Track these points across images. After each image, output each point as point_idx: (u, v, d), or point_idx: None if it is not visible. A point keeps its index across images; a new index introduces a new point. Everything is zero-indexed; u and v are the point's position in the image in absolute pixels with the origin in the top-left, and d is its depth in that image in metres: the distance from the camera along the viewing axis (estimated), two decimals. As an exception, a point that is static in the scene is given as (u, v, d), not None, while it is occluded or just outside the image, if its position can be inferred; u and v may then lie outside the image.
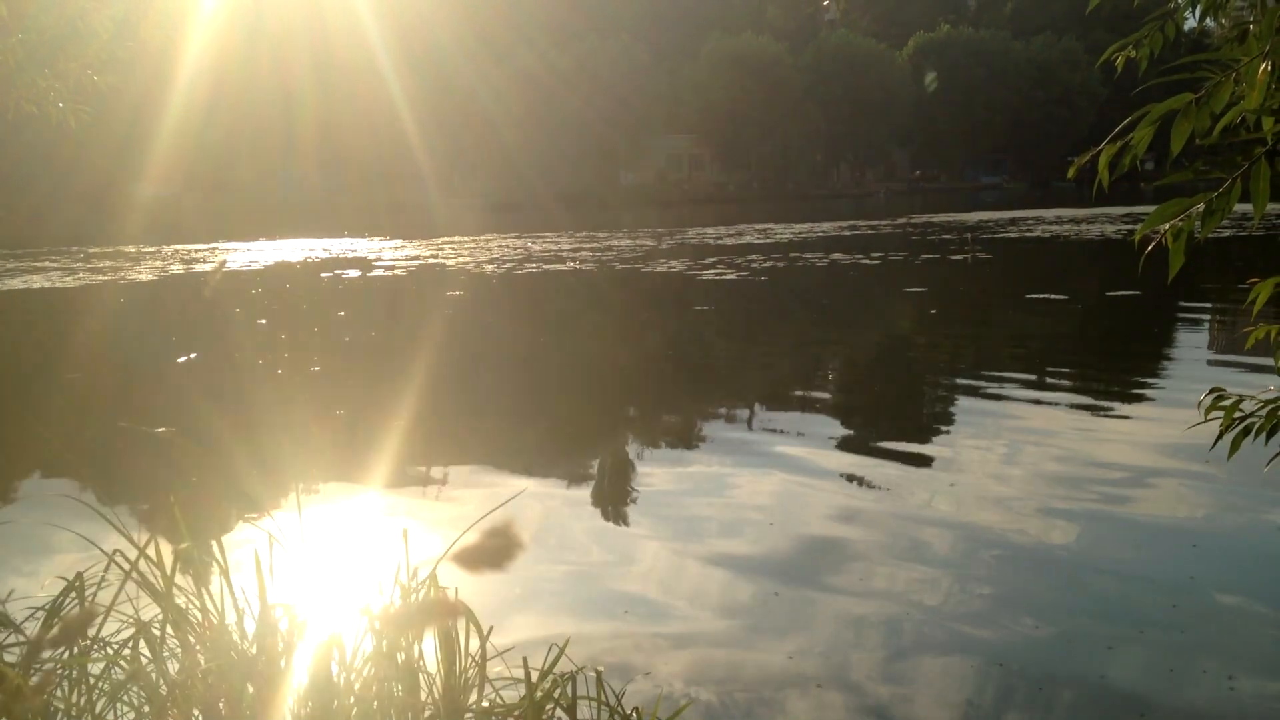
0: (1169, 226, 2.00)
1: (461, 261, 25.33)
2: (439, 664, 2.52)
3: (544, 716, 2.55)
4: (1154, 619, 4.07)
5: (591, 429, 8.45)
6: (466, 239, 34.82)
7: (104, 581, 2.63)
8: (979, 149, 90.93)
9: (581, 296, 17.88)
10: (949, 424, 7.91)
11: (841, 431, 7.73)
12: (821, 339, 13.05)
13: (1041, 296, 15.34)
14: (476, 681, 2.63)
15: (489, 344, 13.00)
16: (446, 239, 35.18)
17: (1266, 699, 3.45)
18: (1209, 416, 2.71)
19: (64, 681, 2.43)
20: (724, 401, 9.33)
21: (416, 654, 2.56)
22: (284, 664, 2.39)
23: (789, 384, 10.02)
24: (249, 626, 2.57)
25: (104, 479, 6.80)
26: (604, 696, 2.62)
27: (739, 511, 5.68)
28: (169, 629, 2.52)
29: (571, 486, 6.47)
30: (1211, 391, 2.72)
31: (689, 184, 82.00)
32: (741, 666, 3.81)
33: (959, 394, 9.11)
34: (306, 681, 2.40)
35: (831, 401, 9.24)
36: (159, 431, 7.77)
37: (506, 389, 10.17)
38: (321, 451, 7.46)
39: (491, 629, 2.69)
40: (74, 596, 2.63)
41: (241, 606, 2.60)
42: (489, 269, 22.95)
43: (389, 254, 29.08)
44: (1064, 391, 8.65)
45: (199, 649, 2.48)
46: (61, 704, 2.41)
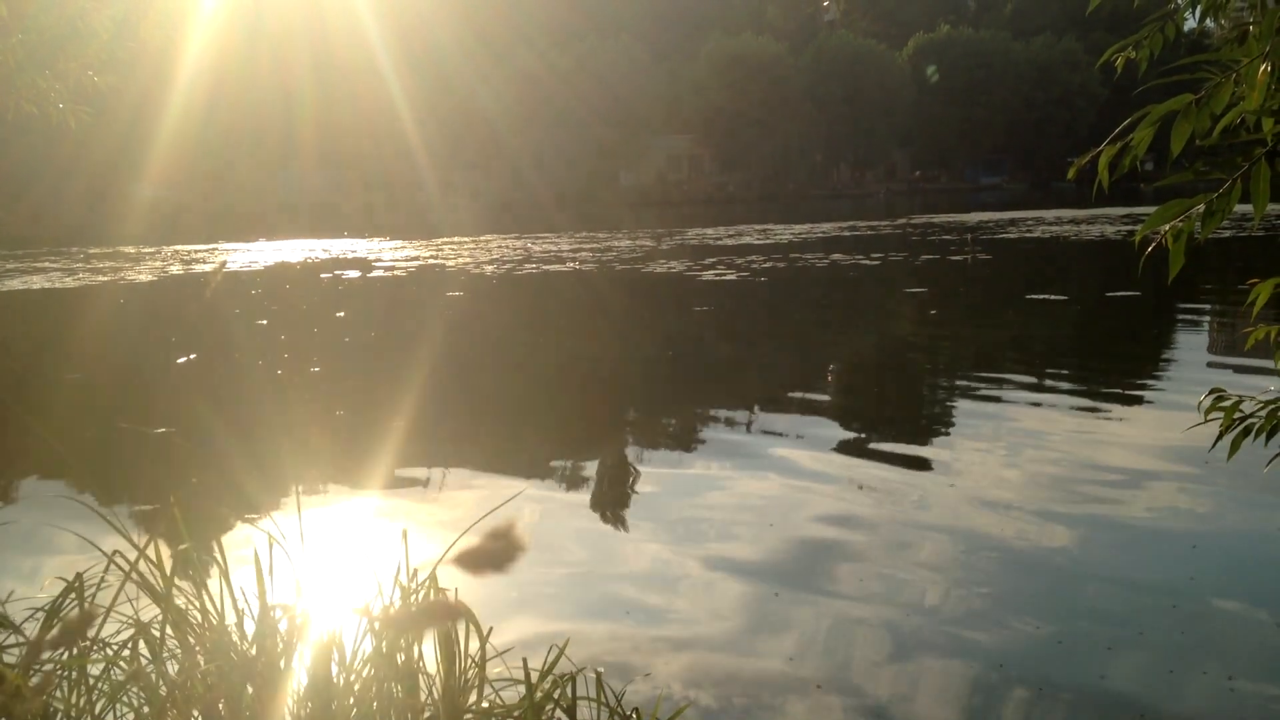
0: (1169, 227, 2.00)
1: (461, 262, 25.33)
2: (439, 665, 2.52)
3: (544, 717, 2.55)
4: (1154, 620, 4.06)
5: (591, 430, 8.44)
6: (466, 239, 34.82)
7: (103, 582, 2.63)
8: (979, 149, 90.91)
9: (581, 297, 17.87)
10: (948, 425, 7.91)
11: (841, 433, 7.73)
12: (821, 340, 13.05)
13: (1041, 297, 15.34)
14: (476, 682, 2.63)
15: (489, 345, 13.00)
16: (446, 240, 35.19)
17: (1266, 700, 3.45)
18: (1209, 417, 2.71)
19: (64, 682, 2.43)
20: (723, 403, 9.33)
21: (416, 655, 2.55)
22: (283, 665, 2.39)
23: (788, 385, 10.02)
24: (249, 627, 2.57)
25: (104, 479, 6.80)
26: (604, 697, 2.62)
27: (739, 513, 5.68)
28: (168, 630, 2.51)
29: (571, 488, 6.47)
30: (1211, 392, 2.72)
31: (689, 184, 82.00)
32: (741, 668, 3.81)
33: (958, 395, 9.11)
34: (306, 682, 2.40)
35: (831, 403, 9.24)
36: (159, 432, 7.77)
37: (506, 390, 10.16)
38: (321, 452, 7.46)
39: (491, 630, 2.69)
40: (73, 597, 2.63)
41: (241, 607, 2.60)
42: (489, 270, 22.95)
43: (389, 254, 29.07)
44: (1063, 393, 8.65)
45: (198, 650, 2.48)
46: (61, 705, 2.41)
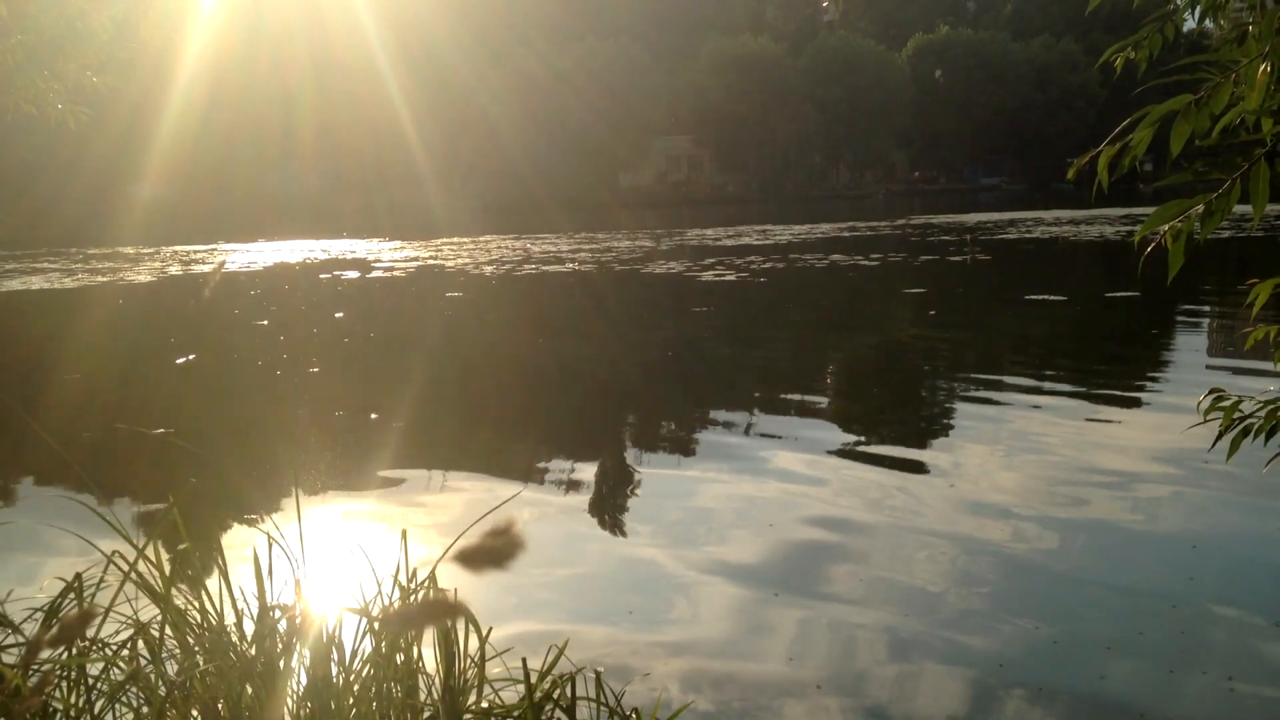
0: (1168, 228, 2.00)
1: (460, 263, 25.33)
2: (438, 665, 2.52)
3: (543, 717, 2.54)
4: (1153, 621, 4.06)
5: (590, 431, 8.44)
6: (465, 240, 34.82)
7: (103, 582, 2.63)
8: (978, 150, 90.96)
9: (580, 298, 17.88)
10: (948, 427, 7.91)
11: (840, 435, 7.73)
12: (820, 341, 13.05)
13: (1040, 298, 15.34)
14: (475, 682, 2.62)
15: (487, 345, 13.00)
16: (445, 240, 35.19)
17: (1266, 701, 3.45)
18: (1208, 418, 2.71)
19: (63, 682, 2.43)
20: (722, 404, 9.33)
21: (415, 655, 2.55)
22: (283, 665, 2.39)
23: (787, 386, 10.02)
24: (248, 627, 2.57)
25: (103, 480, 6.79)
26: (603, 697, 2.61)
27: (738, 514, 5.68)
28: (168, 630, 2.51)
29: (570, 489, 6.47)
30: (1211, 392, 2.72)
31: (688, 185, 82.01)
32: (741, 669, 3.81)
33: (958, 396, 9.11)
34: (305, 682, 2.40)
35: (830, 404, 9.24)
36: (158, 433, 7.76)
37: (505, 391, 10.16)
38: (320, 453, 7.46)
39: (490, 630, 2.69)
40: (73, 597, 2.63)
41: (240, 607, 2.60)
42: (488, 270, 22.95)
43: (388, 255, 29.07)
44: (1062, 394, 8.65)
45: (198, 650, 2.48)
46: (60, 704, 2.41)
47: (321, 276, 22.98)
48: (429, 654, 2.68)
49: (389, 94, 61.04)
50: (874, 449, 7.14)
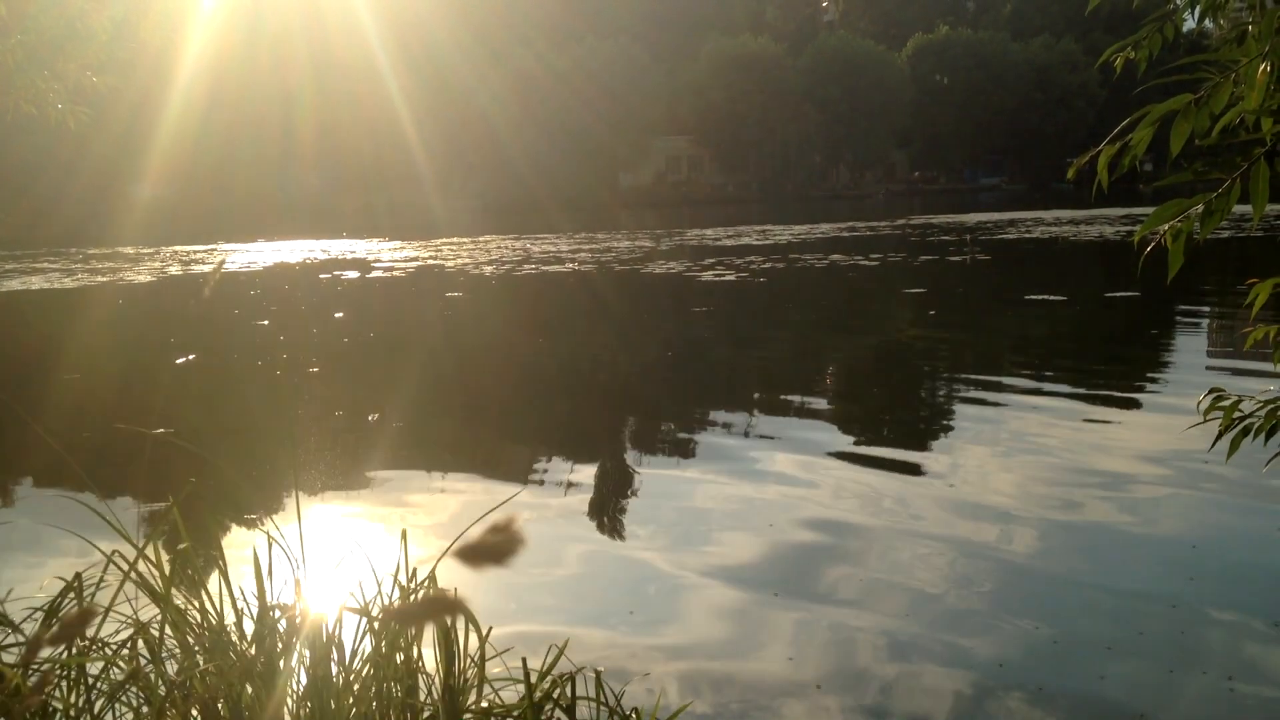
0: (1168, 227, 2.00)
1: (460, 263, 25.33)
2: (438, 664, 2.52)
3: (543, 717, 2.54)
4: (1153, 621, 4.06)
5: (590, 432, 8.44)
6: (465, 240, 34.82)
7: (103, 582, 2.63)
8: (978, 150, 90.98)
9: (580, 298, 17.88)
10: (947, 427, 7.91)
11: (840, 436, 7.73)
12: (820, 341, 13.05)
13: (1040, 298, 15.34)
14: (475, 682, 2.62)
15: (487, 346, 13.00)
16: (445, 240, 35.19)
17: (1266, 701, 3.45)
18: (1208, 417, 2.71)
19: (63, 682, 2.43)
20: (722, 405, 9.33)
21: (415, 654, 2.55)
22: (282, 665, 2.39)
23: (787, 387, 10.02)
24: (248, 627, 2.57)
25: (103, 480, 6.79)
26: (603, 697, 2.61)
27: (738, 515, 5.68)
28: (168, 629, 2.51)
29: (569, 490, 6.47)
30: (1211, 392, 2.72)
31: (688, 185, 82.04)
32: (741, 669, 3.81)
33: (957, 397, 9.11)
34: (305, 682, 2.40)
35: (830, 405, 9.24)
36: (157, 433, 7.76)
37: (504, 391, 10.16)
38: (320, 453, 7.46)
39: (490, 630, 2.68)
40: (72, 597, 2.63)
41: (240, 607, 2.60)
42: (488, 270, 22.95)
43: (388, 255, 29.07)
44: (1062, 394, 8.65)
45: (197, 649, 2.47)
46: (60, 704, 2.41)
47: (321, 276, 22.98)
48: (429, 654, 2.68)
49: (389, 94, 61.05)
50: (874, 450, 7.13)
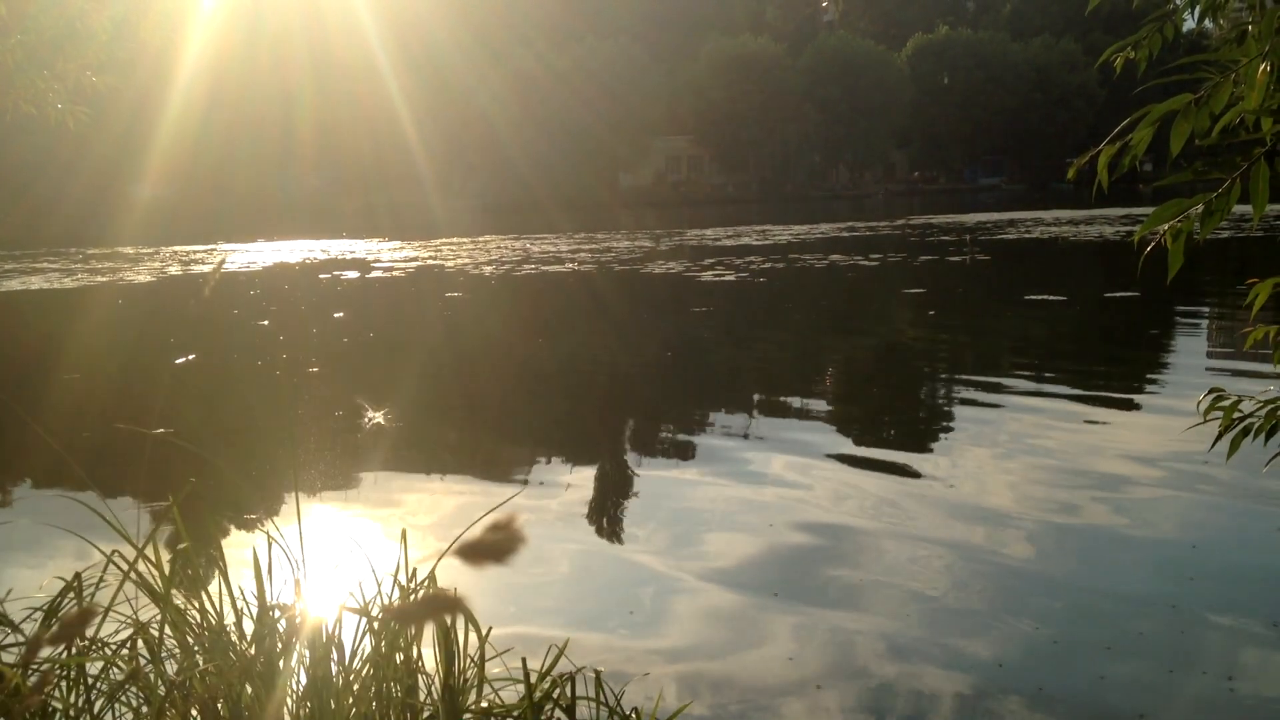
0: (1168, 227, 2.00)
1: (460, 263, 25.33)
2: (438, 664, 2.52)
3: (543, 717, 2.54)
4: (1153, 621, 4.06)
5: (589, 433, 8.44)
6: (465, 240, 34.82)
7: (102, 582, 2.63)
8: (978, 150, 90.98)
9: (580, 298, 17.88)
10: (947, 428, 7.91)
11: (840, 437, 7.73)
12: (819, 342, 13.05)
13: (1040, 298, 15.34)
14: (475, 682, 2.62)
15: (487, 346, 13.00)
16: (445, 240, 35.19)
17: (1266, 701, 3.45)
18: (1208, 417, 2.71)
19: (63, 681, 2.43)
20: (722, 406, 9.33)
21: (415, 654, 2.55)
22: (282, 665, 2.38)
23: (787, 388, 10.02)
24: (247, 627, 2.57)
25: (102, 480, 6.79)
26: (603, 697, 2.61)
27: (737, 516, 5.68)
28: (167, 629, 2.51)
29: (569, 491, 6.47)
30: (1210, 392, 2.72)
31: (688, 185, 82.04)
32: (741, 669, 3.81)
33: (957, 397, 9.11)
34: (305, 682, 2.40)
35: (829, 406, 9.24)
36: (157, 433, 7.76)
37: (504, 392, 10.16)
38: (319, 453, 7.46)
39: (490, 630, 2.68)
40: (72, 597, 2.63)
41: (240, 607, 2.59)
42: (487, 270, 22.95)
43: (387, 255, 29.07)
44: (1062, 395, 8.65)
45: (197, 650, 2.47)
46: (60, 704, 2.41)
47: (321, 277, 22.98)
48: (429, 654, 2.68)
49: (389, 94, 61.02)
50: (873, 451, 7.13)
